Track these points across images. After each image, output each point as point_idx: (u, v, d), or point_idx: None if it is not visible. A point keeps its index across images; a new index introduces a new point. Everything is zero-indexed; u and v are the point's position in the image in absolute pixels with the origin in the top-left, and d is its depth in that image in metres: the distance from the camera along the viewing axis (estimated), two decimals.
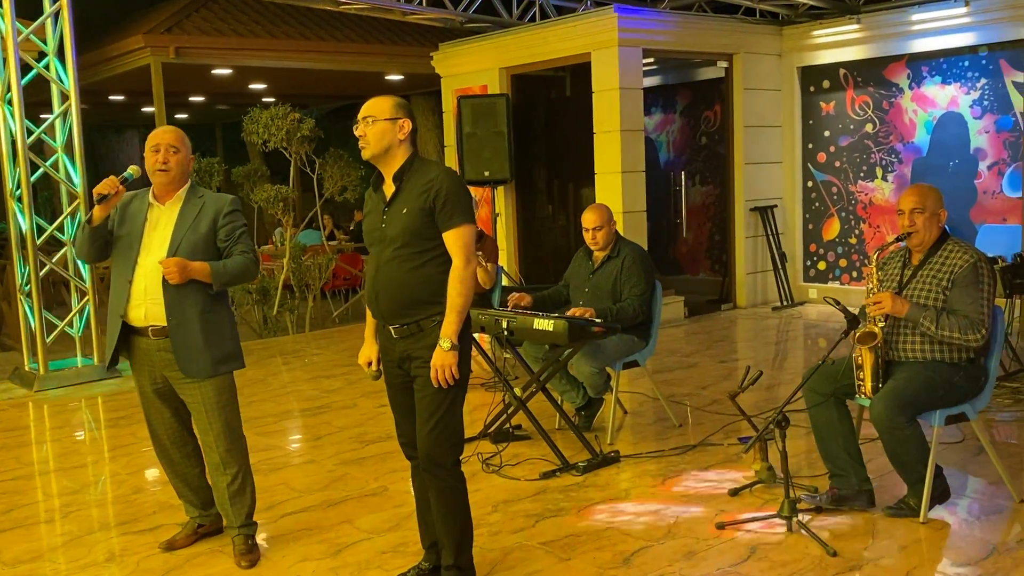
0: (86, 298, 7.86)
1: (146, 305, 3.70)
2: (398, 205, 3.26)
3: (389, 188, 3.32)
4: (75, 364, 7.83)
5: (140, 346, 3.77)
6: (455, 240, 3.22)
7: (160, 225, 3.76)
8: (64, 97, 7.75)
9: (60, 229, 7.85)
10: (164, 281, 3.66)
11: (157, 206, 3.80)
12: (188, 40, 10.13)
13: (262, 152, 10.14)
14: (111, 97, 14.05)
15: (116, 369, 7.84)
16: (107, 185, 3.66)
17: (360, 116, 3.27)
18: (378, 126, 3.24)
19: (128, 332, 3.77)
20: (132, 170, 3.80)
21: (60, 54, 7.72)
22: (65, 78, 7.70)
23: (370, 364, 3.51)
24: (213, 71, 11.41)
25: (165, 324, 3.69)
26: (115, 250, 3.78)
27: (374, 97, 3.32)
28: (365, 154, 3.28)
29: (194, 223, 3.74)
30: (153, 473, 5.18)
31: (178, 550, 3.96)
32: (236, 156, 16.45)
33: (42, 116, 8.29)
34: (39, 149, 7.88)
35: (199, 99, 14.95)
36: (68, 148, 7.79)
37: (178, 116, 17.18)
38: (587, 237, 5.37)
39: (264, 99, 13.79)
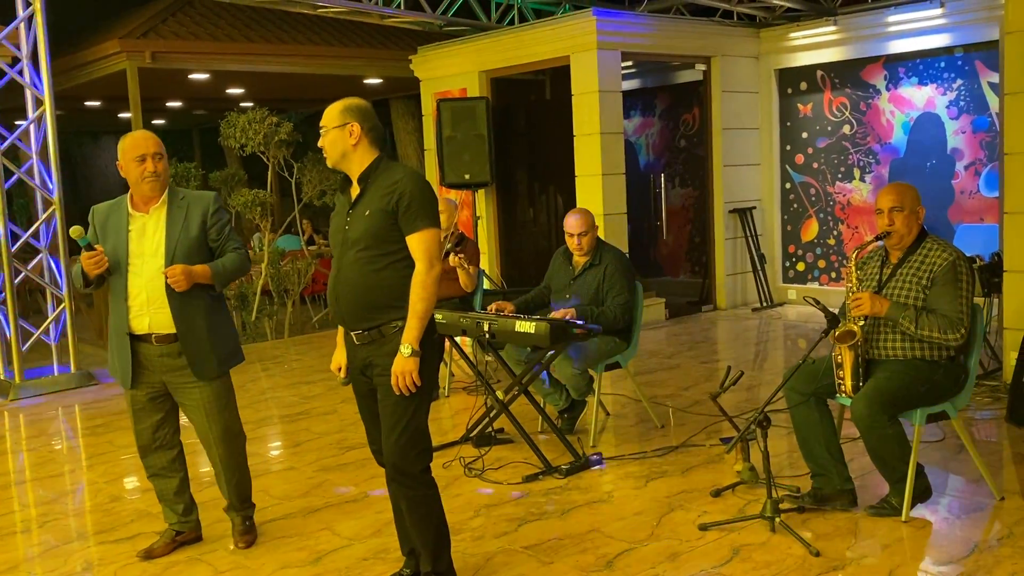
0: (62, 306, 7.78)
1: (150, 314, 3.72)
2: (361, 207, 3.24)
3: (355, 190, 3.30)
4: (51, 373, 7.74)
5: (141, 352, 3.78)
6: (418, 244, 3.18)
7: (148, 232, 3.76)
8: (38, 103, 7.67)
9: (35, 236, 7.76)
10: (168, 289, 3.68)
11: (139, 215, 3.78)
12: (164, 45, 10.04)
13: (240, 157, 10.09)
14: (87, 103, 13.91)
15: (93, 377, 7.76)
16: (95, 265, 3.65)
17: (320, 127, 3.29)
18: (330, 135, 3.26)
19: (134, 340, 3.77)
20: (76, 233, 3.75)
21: (34, 59, 7.64)
22: (39, 83, 7.62)
23: (340, 370, 3.48)
24: (190, 76, 11.32)
25: (171, 331, 3.73)
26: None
27: (328, 107, 3.32)
28: (328, 163, 3.31)
29: (184, 226, 3.76)
30: (131, 481, 5.13)
31: (156, 559, 3.92)
32: (214, 161, 16.35)
33: (16, 122, 8.19)
34: (14, 155, 7.81)
35: (176, 104, 14.82)
36: (43, 154, 7.70)
37: (155, 121, 17.04)
38: (571, 243, 5.34)
39: (242, 104, 13.70)
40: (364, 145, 3.26)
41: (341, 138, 3.24)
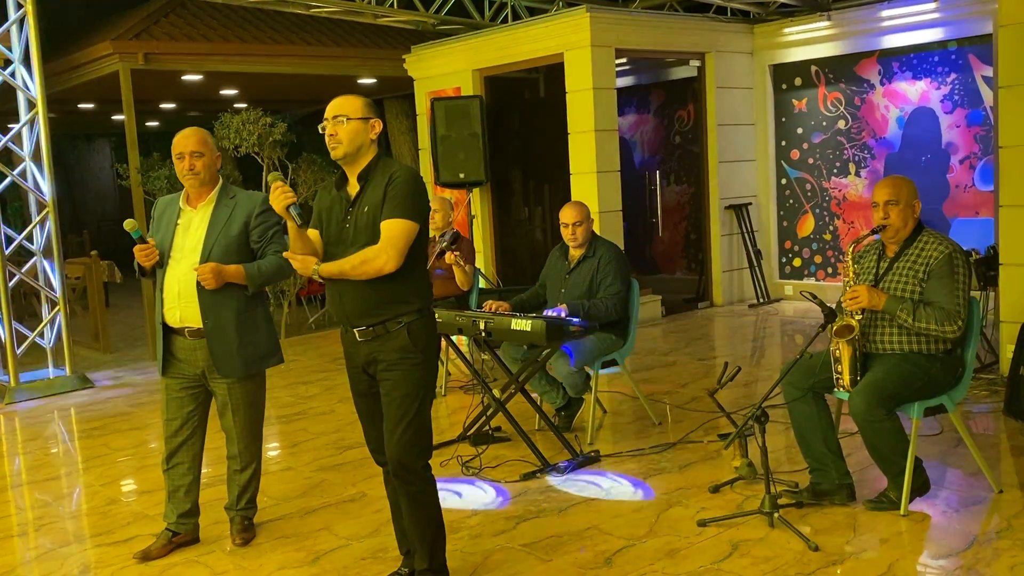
0: (56, 308, 7.75)
1: (181, 308, 3.80)
2: (361, 205, 3.23)
3: (353, 188, 3.28)
4: (47, 375, 7.72)
5: (178, 345, 3.87)
6: (388, 229, 3.14)
7: (192, 228, 3.84)
8: (31, 105, 7.65)
9: (29, 239, 7.74)
10: (199, 285, 3.74)
11: (188, 210, 3.89)
12: (157, 46, 10.00)
13: (234, 158, 10.05)
14: (80, 105, 13.87)
15: (88, 380, 7.74)
16: (146, 257, 3.78)
17: (330, 115, 3.23)
18: (351, 125, 3.21)
19: (166, 332, 3.87)
20: (130, 225, 3.82)
21: (26, 61, 7.61)
22: (32, 86, 7.60)
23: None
24: (183, 77, 11.28)
25: (200, 326, 3.78)
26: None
27: (340, 96, 3.29)
28: (336, 153, 3.24)
29: (226, 225, 3.82)
30: (127, 484, 5.11)
31: (153, 560, 3.90)
32: None
33: (9, 125, 8.16)
34: (7, 158, 7.77)
35: (170, 106, 14.79)
36: (36, 156, 7.68)
37: (149, 123, 17.00)
38: (566, 233, 5.34)
39: (236, 105, 13.67)
40: (376, 143, 3.28)
41: (363, 131, 3.23)
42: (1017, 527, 3.75)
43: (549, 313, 5.04)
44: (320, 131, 3.25)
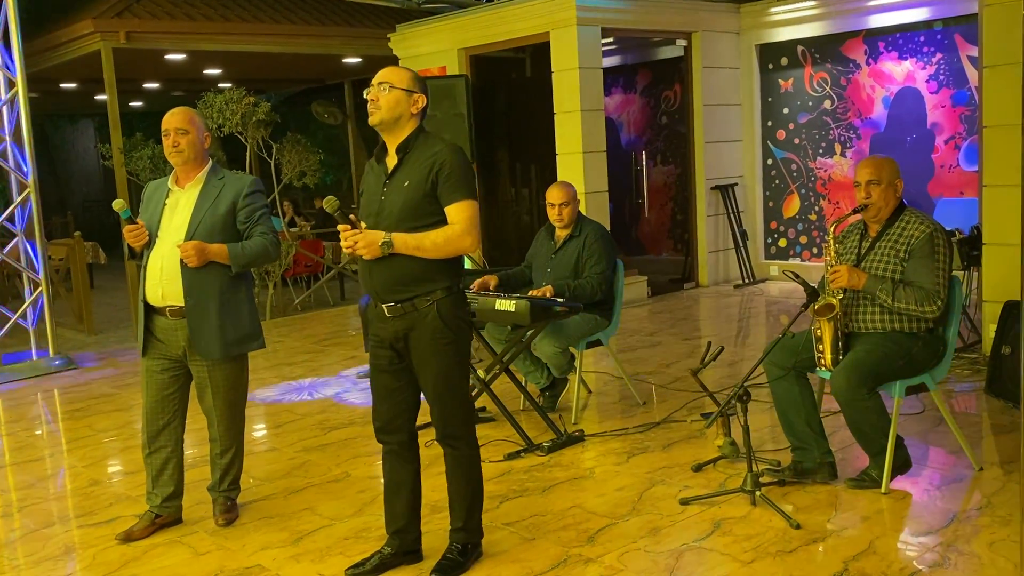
0: (39, 289, 7.70)
1: (163, 285, 3.78)
2: (400, 178, 3.24)
3: (392, 160, 3.28)
4: (30, 357, 7.68)
5: (159, 325, 3.85)
6: (457, 213, 3.20)
7: (179, 208, 3.83)
8: (11, 84, 7.56)
9: (11, 219, 7.68)
10: (183, 263, 3.72)
11: (176, 190, 3.88)
12: (139, 24, 9.91)
13: (218, 137, 9.97)
14: (62, 85, 13.75)
15: (72, 361, 7.71)
16: (135, 237, 3.76)
17: (376, 81, 3.23)
18: (394, 94, 3.21)
19: (148, 312, 3.85)
20: (118, 206, 3.81)
21: (5, 40, 7.52)
22: (11, 65, 7.51)
23: None
24: (166, 56, 11.19)
25: (182, 304, 3.76)
26: None
27: (391, 66, 3.30)
28: (373, 119, 3.23)
29: (213, 204, 3.80)
30: (111, 465, 5.10)
31: (136, 541, 3.89)
32: None
33: None
34: None
35: (153, 86, 14.68)
36: (17, 137, 7.60)
37: (132, 103, 16.87)
38: (552, 213, 5.33)
39: (220, 84, 13.57)
40: (417, 118, 3.27)
41: (405, 102, 3.22)
42: (997, 504, 3.78)
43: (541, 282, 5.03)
44: (364, 96, 3.25)
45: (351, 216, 3.24)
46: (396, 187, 3.23)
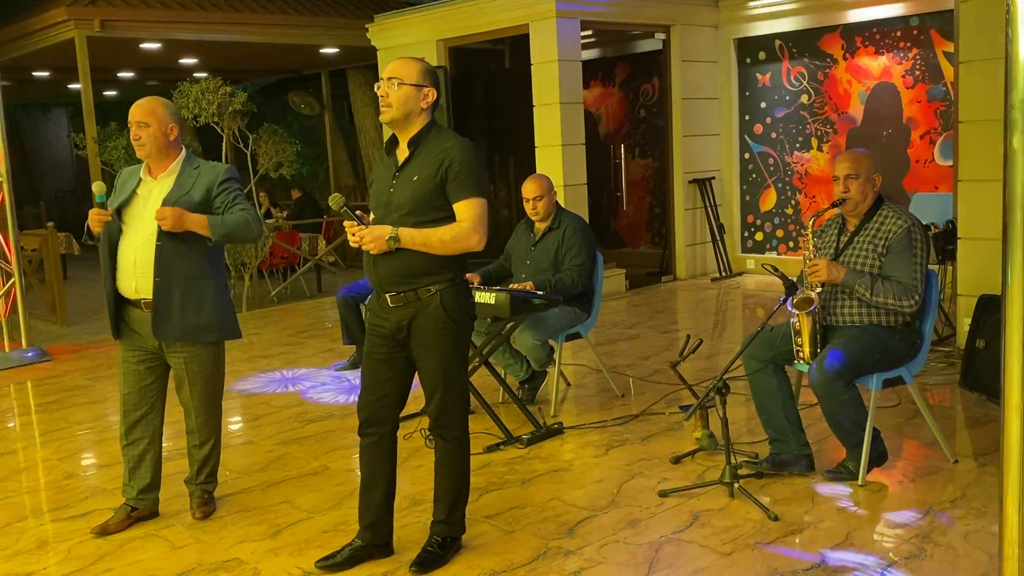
0: (11, 281, 7.61)
1: (136, 279, 3.72)
2: (409, 172, 3.23)
3: (403, 153, 3.27)
4: (2, 349, 7.58)
5: (134, 317, 3.80)
6: (466, 210, 3.20)
7: (152, 198, 3.77)
8: None
9: None
10: (157, 248, 3.66)
11: (148, 180, 3.81)
12: (114, 12, 9.79)
13: (193, 128, 9.89)
14: (35, 73, 13.58)
15: (45, 353, 7.62)
16: (99, 222, 3.70)
17: (385, 76, 3.22)
18: (403, 90, 3.20)
19: (122, 303, 3.80)
20: (98, 188, 3.78)
21: None
22: None
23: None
24: (141, 45, 11.07)
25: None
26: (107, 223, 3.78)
27: (401, 58, 3.28)
28: (384, 117, 3.23)
29: (188, 193, 3.75)
30: (86, 458, 5.05)
31: (111, 535, 3.85)
32: None
33: None
34: None
35: (128, 75, 14.52)
36: None
37: (107, 93, 16.69)
38: (527, 207, 5.33)
39: (196, 74, 13.44)
40: (428, 112, 3.25)
41: (415, 98, 3.21)
42: (971, 496, 3.82)
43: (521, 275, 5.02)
44: (375, 90, 3.24)
45: (357, 212, 3.26)
46: (405, 180, 3.23)
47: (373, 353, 3.38)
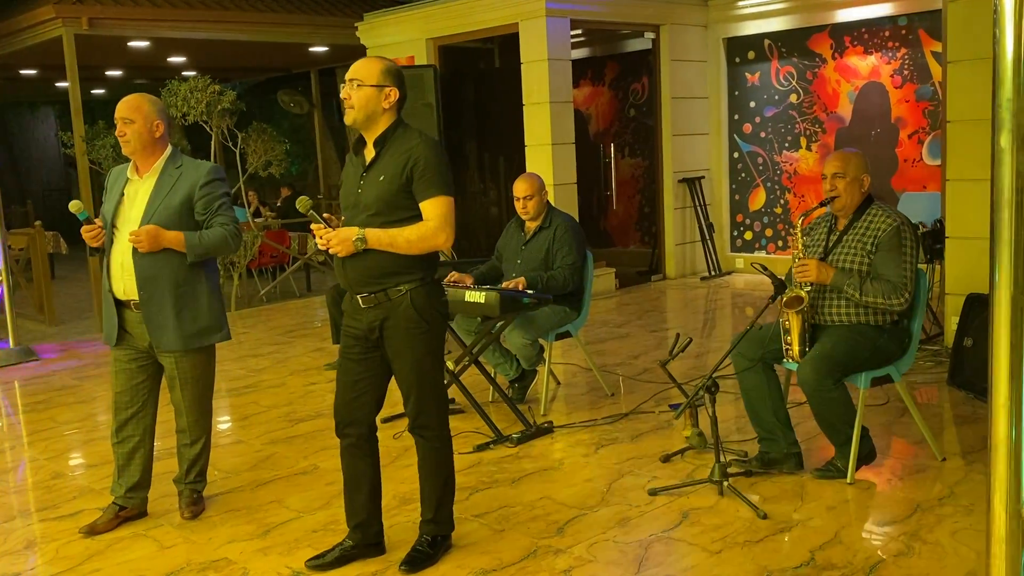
0: None
1: (124, 280, 3.72)
2: (376, 172, 3.22)
3: (370, 153, 3.27)
4: None
5: (126, 318, 3.80)
6: (431, 209, 3.18)
7: (138, 198, 3.75)
8: None
9: None
10: (136, 255, 3.65)
11: (135, 180, 3.79)
12: (102, 10, 9.74)
13: (182, 126, 9.85)
14: (22, 72, 13.51)
15: (32, 353, 7.59)
16: (93, 238, 3.72)
17: (347, 77, 3.20)
18: (364, 91, 3.18)
19: (117, 304, 3.80)
20: (75, 207, 3.78)
21: None
22: None
23: None
24: (129, 43, 11.02)
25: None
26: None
27: (363, 59, 3.26)
28: (347, 119, 3.22)
29: (169, 194, 3.71)
30: (73, 458, 5.03)
31: (99, 535, 3.84)
32: None
33: None
34: None
35: (116, 73, 14.46)
36: None
37: (95, 91, 16.61)
38: (518, 206, 5.34)
39: (184, 73, 13.39)
40: (392, 111, 3.23)
41: (375, 99, 3.19)
42: (959, 494, 3.84)
43: (512, 274, 5.02)
44: (340, 96, 3.23)
45: (325, 215, 3.24)
46: (372, 181, 3.22)
47: (347, 353, 3.38)
